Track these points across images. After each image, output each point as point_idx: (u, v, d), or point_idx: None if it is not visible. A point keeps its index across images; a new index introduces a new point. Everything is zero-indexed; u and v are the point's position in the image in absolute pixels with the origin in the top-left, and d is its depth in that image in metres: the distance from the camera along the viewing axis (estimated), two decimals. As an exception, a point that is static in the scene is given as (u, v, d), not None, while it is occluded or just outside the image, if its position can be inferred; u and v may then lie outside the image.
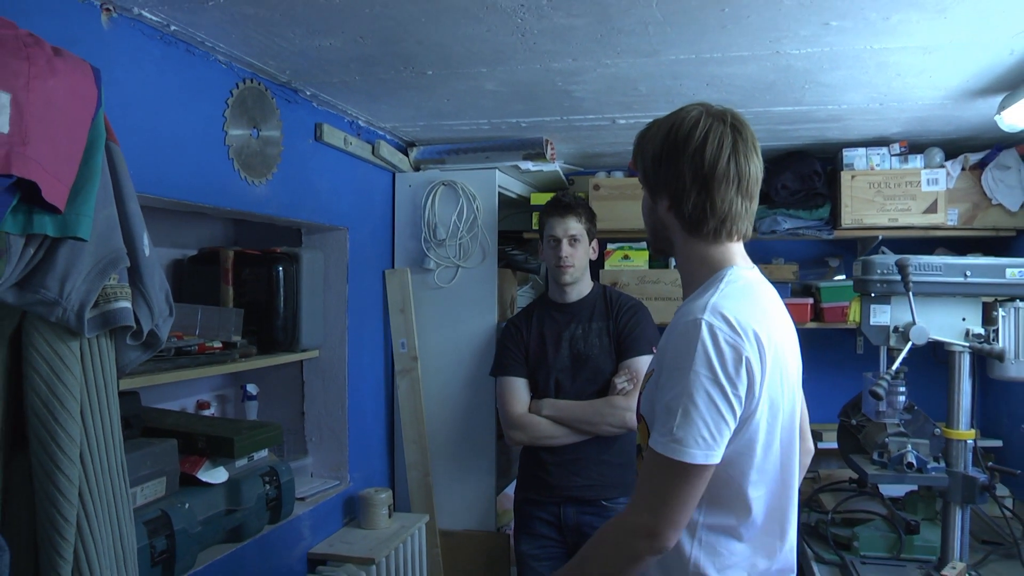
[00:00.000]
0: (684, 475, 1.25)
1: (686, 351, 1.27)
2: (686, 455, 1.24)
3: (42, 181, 1.26)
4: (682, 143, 1.37)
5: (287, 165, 2.42)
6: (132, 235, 1.49)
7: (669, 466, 1.25)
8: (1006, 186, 2.86)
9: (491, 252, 3.15)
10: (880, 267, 2.25)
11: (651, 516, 1.27)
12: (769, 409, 1.32)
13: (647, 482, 1.30)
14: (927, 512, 2.52)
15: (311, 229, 2.82)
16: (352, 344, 2.86)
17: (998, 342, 2.22)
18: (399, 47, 2.08)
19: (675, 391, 1.27)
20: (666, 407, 1.27)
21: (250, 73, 2.25)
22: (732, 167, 1.36)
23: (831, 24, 1.89)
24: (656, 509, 1.27)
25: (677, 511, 1.26)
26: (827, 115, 2.73)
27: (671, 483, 1.26)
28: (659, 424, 1.29)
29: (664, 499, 1.26)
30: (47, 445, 1.36)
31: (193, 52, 2.03)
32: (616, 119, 2.84)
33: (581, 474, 2.56)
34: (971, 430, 2.29)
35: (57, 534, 1.36)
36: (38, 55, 1.30)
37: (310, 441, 2.87)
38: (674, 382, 1.27)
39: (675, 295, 3.24)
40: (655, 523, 1.26)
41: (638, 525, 1.29)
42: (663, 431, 1.27)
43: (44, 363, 1.37)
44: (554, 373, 2.62)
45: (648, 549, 1.28)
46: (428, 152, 3.22)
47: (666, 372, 1.31)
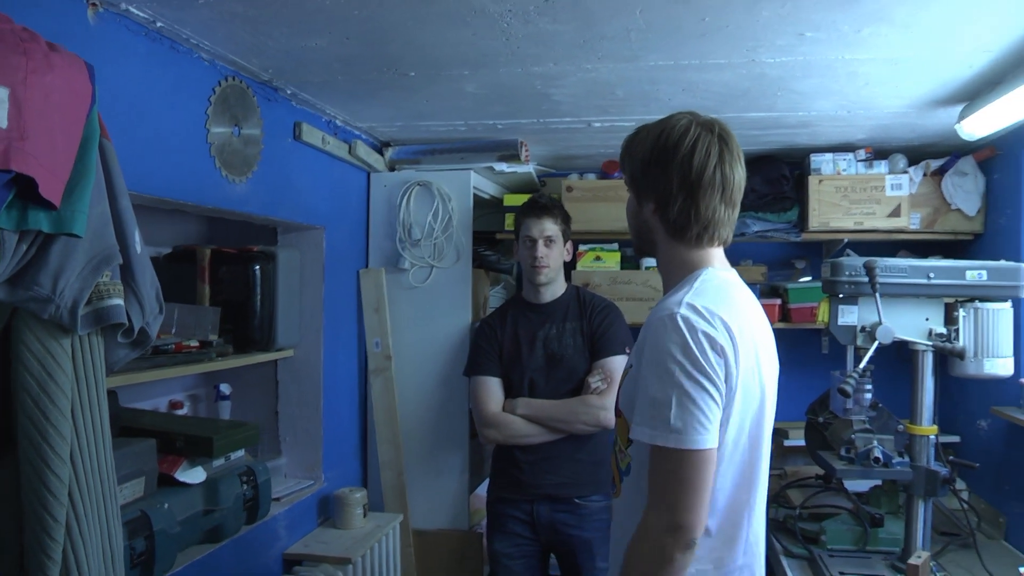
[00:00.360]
0: (693, 463, 1.27)
1: (664, 344, 1.30)
2: (691, 442, 1.26)
3: (40, 177, 1.25)
4: (671, 150, 1.42)
5: (267, 164, 2.41)
6: (124, 232, 1.49)
7: (677, 458, 1.27)
8: (964, 192, 2.97)
9: (465, 253, 3.17)
10: (848, 269, 2.33)
11: (671, 512, 1.27)
12: (742, 401, 1.35)
13: (658, 481, 1.30)
14: (890, 506, 2.61)
15: (287, 228, 2.81)
16: (327, 343, 2.85)
17: (959, 341, 2.31)
18: (384, 49, 2.09)
19: (660, 384, 1.29)
20: (653, 401, 1.29)
21: (232, 71, 2.24)
22: (718, 176, 1.40)
23: (805, 35, 1.95)
24: (674, 504, 1.27)
25: (696, 500, 1.27)
26: (797, 121, 2.80)
27: (682, 474, 1.27)
28: (650, 420, 1.30)
29: (679, 491, 1.27)
30: (38, 444, 1.35)
31: (177, 49, 2.02)
32: (592, 122, 2.88)
33: (555, 472, 2.58)
34: (933, 426, 2.37)
35: (46, 534, 1.35)
36: (35, 50, 1.29)
37: (284, 441, 2.85)
38: (657, 376, 1.30)
39: (647, 296, 3.29)
40: (677, 517, 1.27)
41: (661, 526, 1.28)
42: (658, 425, 1.28)
43: (36, 361, 1.36)
44: (528, 372, 2.64)
45: (677, 546, 1.27)
46: (403, 152, 3.23)
47: (646, 367, 1.33)
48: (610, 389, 2.54)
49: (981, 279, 2.27)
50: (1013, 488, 2.71)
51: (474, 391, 2.70)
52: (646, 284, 3.31)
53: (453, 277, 3.17)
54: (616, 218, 3.32)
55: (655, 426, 1.29)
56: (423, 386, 3.16)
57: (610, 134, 3.05)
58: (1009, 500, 2.73)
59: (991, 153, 2.94)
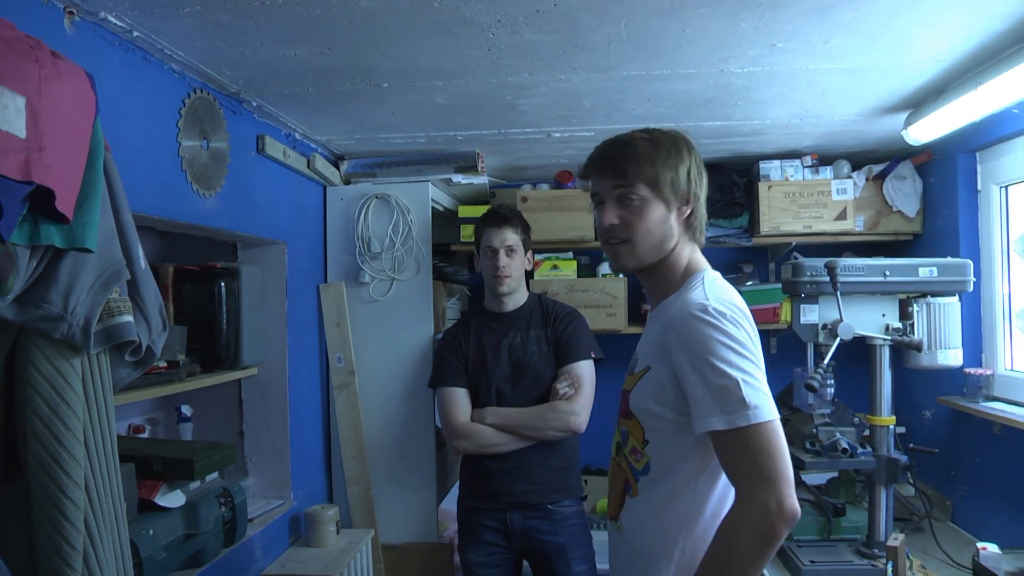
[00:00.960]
0: (775, 433, 1.30)
1: (708, 336, 1.35)
2: (768, 413, 1.30)
3: (57, 189, 1.21)
4: (702, 164, 1.55)
5: (233, 177, 2.36)
6: (129, 247, 1.44)
7: (761, 433, 1.29)
8: (904, 195, 3.15)
9: (425, 264, 3.16)
10: (809, 269, 2.44)
11: (771, 486, 1.27)
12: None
13: (748, 462, 1.30)
14: (848, 496, 2.73)
15: (247, 243, 2.75)
16: (292, 360, 2.80)
17: (914, 334, 2.45)
18: (363, 59, 2.08)
19: (719, 372, 1.32)
20: (720, 388, 1.31)
21: (200, 83, 2.19)
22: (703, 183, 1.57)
23: (777, 45, 2.03)
24: (771, 478, 1.28)
25: (787, 468, 1.29)
26: (750, 129, 2.91)
27: (770, 447, 1.29)
28: (722, 407, 1.31)
29: (774, 464, 1.28)
30: (50, 469, 1.29)
31: (149, 60, 1.96)
32: (552, 132, 2.92)
33: (526, 479, 2.59)
34: (892, 416, 2.50)
35: (63, 562, 1.29)
36: (44, 58, 1.25)
37: (250, 461, 2.77)
38: (711, 367, 1.33)
39: (604, 303, 3.35)
40: (778, 490, 1.27)
41: (764, 502, 1.27)
42: (732, 408, 1.30)
43: (46, 382, 1.30)
44: (495, 381, 2.64)
45: (783, 519, 1.27)
46: (359, 165, 3.20)
47: (689, 364, 1.36)
48: (578, 394, 2.57)
49: (932, 275, 2.42)
50: (959, 473, 2.88)
51: (441, 403, 2.68)
52: (603, 291, 3.37)
53: (414, 289, 3.16)
54: (571, 227, 3.39)
55: (730, 411, 1.30)
56: (387, 400, 3.13)
57: (566, 144, 3.10)
58: (955, 485, 2.90)
59: (928, 158, 3.12)
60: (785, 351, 3.67)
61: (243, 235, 2.52)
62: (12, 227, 1.16)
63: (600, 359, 2.69)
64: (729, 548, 1.31)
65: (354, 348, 3.11)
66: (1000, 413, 2.52)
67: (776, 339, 3.71)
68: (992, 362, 2.81)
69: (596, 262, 3.58)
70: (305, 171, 2.90)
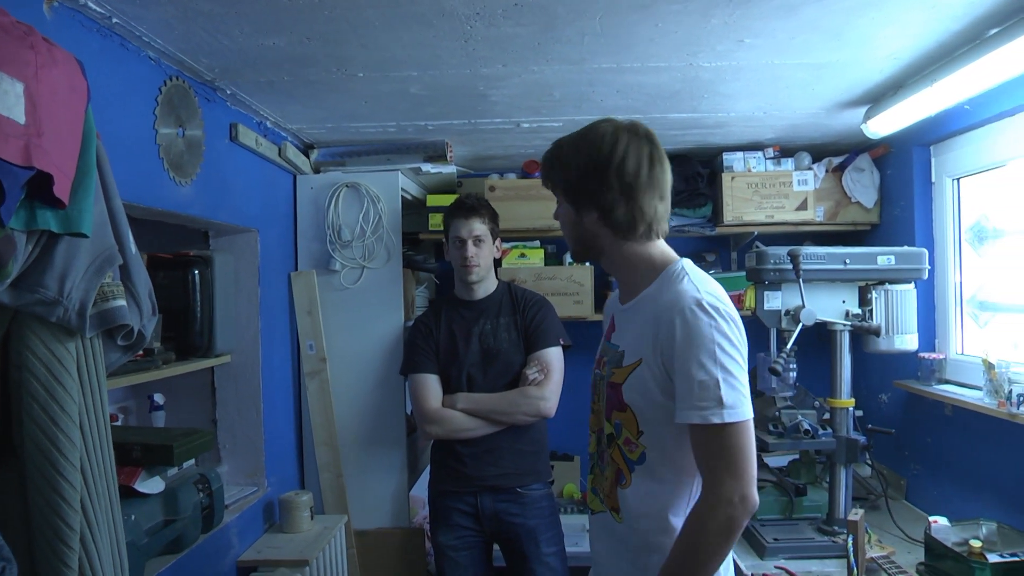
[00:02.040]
0: (745, 433, 1.39)
1: (700, 331, 1.40)
2: (741, 414, 1.38)
3: (55, 175, 1.23)
4: (606, 158, 1.51)
5: (208, 165, 2.37)
6: (120, 232, 1.47)
7: (732, 432, 1.37)
8: (862, 186, 3.27)
9: (396, 253, 3.19)
10: (773, 258, 2.54)
11: (736, 481, 1.36)
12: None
13: (716, 456, 1.38)
14: (809, 476, 2.84)
15: (220, 231, 2.75)
16: (264, 347, 2.81)
17: (873, 320, 2.57)
18: (341, 49, 2.11)
19: (704, 368, 1.38)
20: (701, 384, 1.38)
21: (176, 70, 2.20)
22: (652, 176, 1.52)
23: (745, 41, 2.11)
24: (740, 473, 1.36)
25: (753, 466, 1.38)
26: (715, 122, 2.99)
27: (739, 445, 1.37)
28: (699, 402, 1.38)
29: (739, 461, 1.37)
30: (47, 451, 1.32)
31: (127, 47, 1.97)
32: (521, 123, 2.96)
33: (497, 464, 2.64)
34: (851, 399, 2.62)
35: (61, 543, 1.32)
36: (39, 44, 1.27)
37: (223, 448, 2.78)
38: (699, 362, 1.39)
39: (571, 290, 3.41)
40: (741, 485, 1.36)
41: (728, 496, 1.36)
42: (708, 405, 1.37)
43: (42, 366, 1.33)
44: (466, 368, 2.69)
45: (745, 512, 1.36)
46: (328, 154, 3.22)
47: (681, 357, 1.41)
48: (547, 380, 2.63)
49: (890, 263, 2.54)
50: (912, 453, 3.01)
51: (413, 389, 2.72)
52: (570, 279, 3.43)
53: (384, 277, 3.19)
54: (538, 216, 3.44)
55: (705, 407, 1.37)
56: (358, 387, 3.17)
57: (535, 135, 3.15)
58: (909, 464, 3.03)
59: (885, 150, 3.24)
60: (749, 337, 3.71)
61: (217, 223, 2.54)
62: (12, 212, 1.18)
63: (568, 346, 2.75)
64: (694, 536, 1.39)
65: (325, 336, 3.13)
66: (951, 395, 2.64)
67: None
68: (944, 347, 2.93)
69: (563, 250, 3.63)
70: (276, 159, 2.91)
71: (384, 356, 3.17)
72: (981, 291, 2.79)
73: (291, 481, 3.08)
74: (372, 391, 3.17)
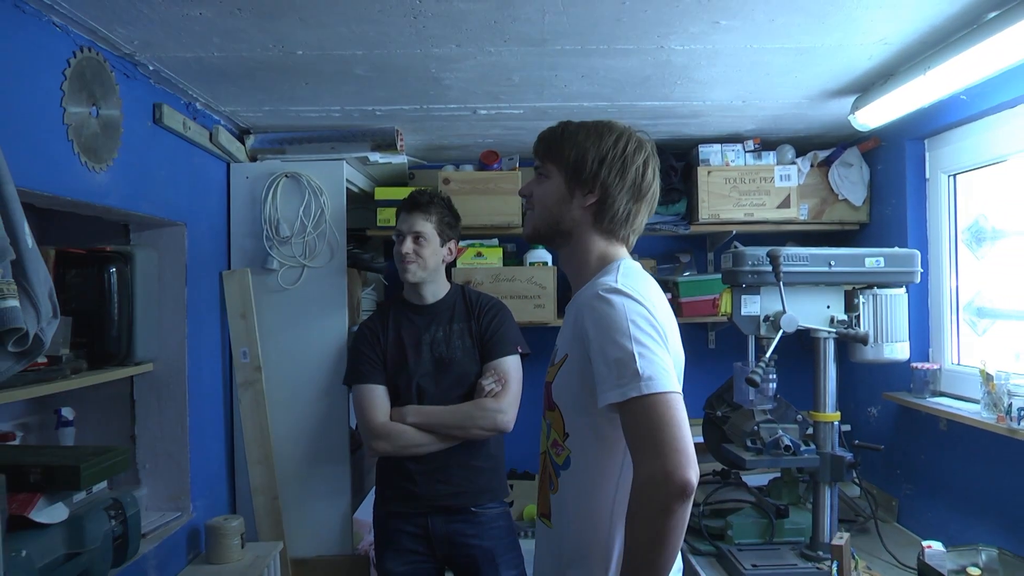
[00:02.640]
0: (668, 406, 1.37)
1: (609, 315, 1.46)
2: (662, 385, 1.38)
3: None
4: (630, 159, 1.63)
5: (127, 150, 2.30)
6: (13, 223, 1.40)
7: (652, 405, 1.37)
8: (850, 182, 3.28)
9: (340, 251, 3.15)
10: (751, 258, 2.52)
11: (658, 459, 1.33)
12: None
13: (637, 436, 1.38)
14: (791, 496, 2.84)
15: (142, 224, 2.69)
16: (191, 355, 2.75)
17: (860, 327, 2.57)
18: (277, 23, 2.06)
19: (618, 346, 1.42)
20: (616, 362, 1.41)
21: (88, 40, 2.12)
22: (655, 191, 1.68)
23: (720, 23, 2.10)
24: (660, 450, 1.33)
25: (679, 440, 1.34)
26: (689, 111, 2.98)
27: (662, 419, 1.36)
28: (617, 379, 1.40)
29: (663, 437, 1.34)
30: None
31: (24, 8, 1.87)
32: (478, 109, 2.94)
33: (449, 482, 2.62)
34: (836, 412, 2.62)
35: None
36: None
37: (143, 468, 2.71)
38: (612, 341, 1.43)
39: (532, 293, 3.39)
40: (666, 461, 1.32)
41: (651, 475, 1.33)
42: (626, 381, 1.39)
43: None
44: (416, 378, 2.66)
45: (674, 493, 1.31)
46: (266, 140, 3.16)
47: (595, 342, 1.46)
48: (505, 391, 2.62)
49: (879, 266, 2.54)
50: (904, 471, 3.02)
51: (358, 401, 2.69)
52: (531, 281, 3.41)
53: (327, 277, 3.15)
54: (496, 212, 3.41)
55: (624, 383, 1.39)
56: (297, 398, 3.12)
57: (493, 123, 3.13)
58: (900, 483, 3.05)
59: (875, 144, 3.26)
60: (724, 345, 3.78)
61: (138, 215, 2.47)
62: None
63: (527, 354, 2.75)
64: (632, 523, 1.38)
65: (261, 342, 3.08)
66: (946, 409, 2.65)
67: (715, 332, 3.82)
68: (939, 356, 2.95)
69: (524, 249, 3.61)
70: (207, 145, 2.86)
71: (326, 365, 3.12)
72: (979, 296, 2.80)
73: (221, 505, 3.01)
74: (313, 403, 3.12)
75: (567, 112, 2.95)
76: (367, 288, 3.62)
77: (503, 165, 3.56)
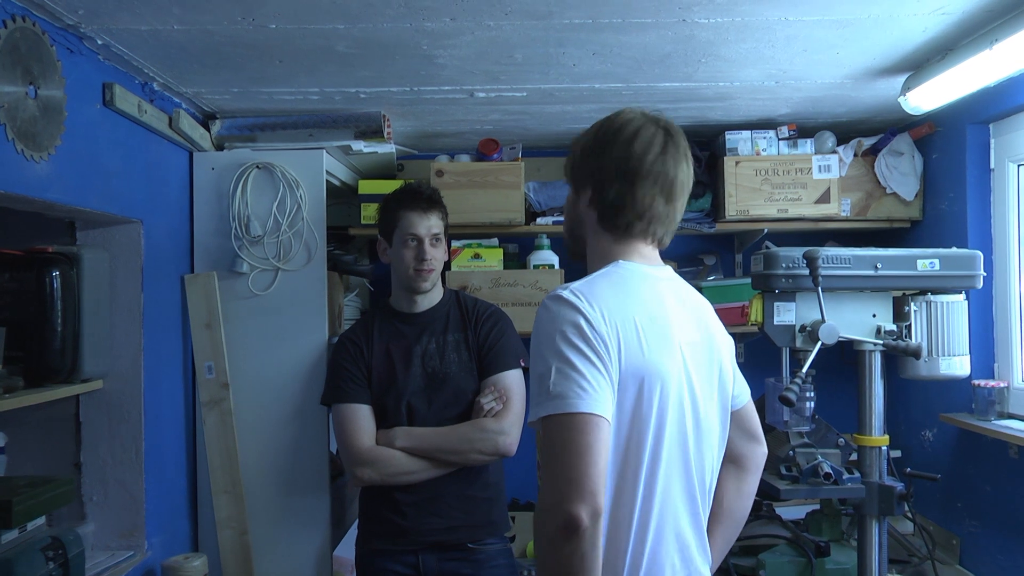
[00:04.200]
0: (571, 428, 1.39)
1: (542, 324, 1.51)
2: (571, 405, 1.40)
3: None
4: (612, 135, 1.65)
5: (72, 136, 2.25)
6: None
7: (555, 426, 1.40)
8: (900, 173, 3.23)
9: (319, 251, 3.11)
10: (785, 260, 2.48)
11: (549, 487, 1.37)
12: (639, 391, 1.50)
13: (542, 458, 1.43)
14: (833, 532, 2.78)
15: (91, 221, 2.64)
16: (148, 370, 2.71)
17: (911, 339, 2.50)
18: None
19: (542, 359, 1.47)
20: (538, 376, 1.46)
21: (22, 8, 2.05)
22: (658, 166, 1.62)
23: (753, -10, 2.06)
24: (552, 478, 1.37)
25: (575, 470, 1.36)
26: (715, 93, 2.95)
27: (562, 443, 1.38)
28: (536, 396, 1.46)
29: (558, 464, 1.38)
30: None
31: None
32: (475, 91, 2.91)
33: (443, 514, 2.60)
34: (884, 436, 2.56)
35: None
36: None
37: (90, 501, 2.65)
38: (539, 353, 1.49)
39: (534, 300, 3.35)
40: (554, 493, 1.35)
41: (541, 504, 1.40)
42: (541, 399, 1.44)
43: None
44: (405, 396, 2.64)
45: (557, 527, 1.34)
46: (234, 126, 3.12)
47: (533, 352, 1.52)
48: (507, 410, 2.59)
49: (934, 269, 2.48)
50: (967, 505, 2.97)
51: (340, 423, 2.65)
52: (535, 286, 3.36)
53: (304, 282, 3.10)
54: (496, 207, 3.38)
55: (539, 400, 1.44)
56: (270, 419, 3.07)
57: (492, 106, 3.12)
58: (963, 519, 3.00)
59: (930, 130, 3.22)
60: (755, 359, 3.73)
61: (85, 211, 2.42)
62: None
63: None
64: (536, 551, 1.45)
65: (228, 355, 3.04)
66: (1017, 433, 2.61)
67: (744, 344, 3.77)
68: (1007, 373, 2.90)
69: (527, 250, 3.58)
70: (166, 131, 2.82)
71: (303, 381, 3.07)
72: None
73: (181, 541, 2.97)
74: (287, 425, 3.08)
75: (576, 95, 2.93)
76: (350, 294, 3.59)
77: (504, 155, 3.51)
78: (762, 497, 2.85)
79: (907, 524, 3.00)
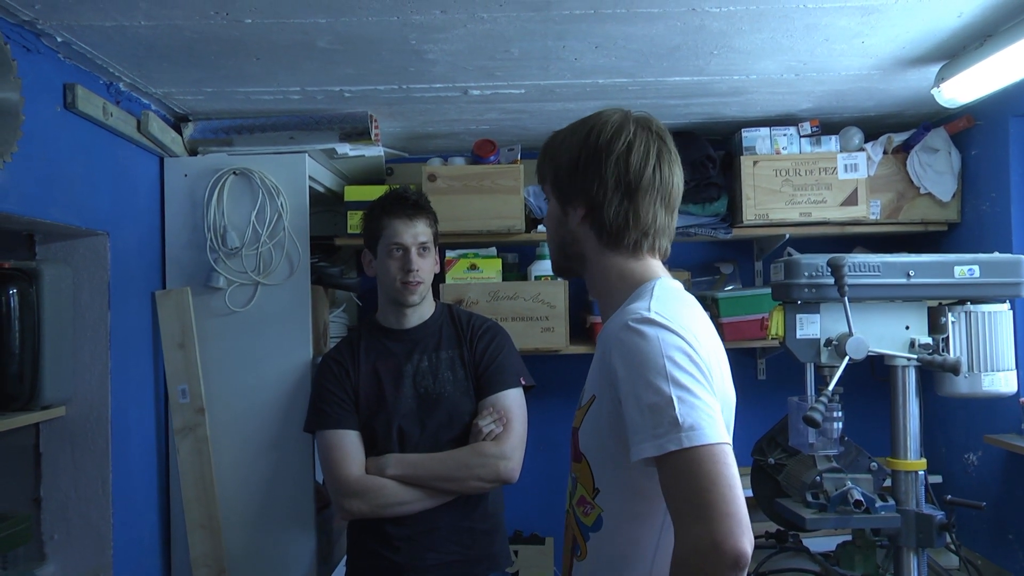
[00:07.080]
0: (715, 460, 1.36)
1: (642, 351, 1.45)
2: (707, 436, 1.36)
3: None
4: (605, 147, 1.64)
5: (30, 142, 2.25)
6: None
7: (695, 460, 1.36)
8: (935, 172, 3.23)
9: (302, 264, 3.13)
10: (808, 269, 2.45)
11: (705, 524, 1.32)
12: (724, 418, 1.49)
13: (678, 496, 1.37)
14: (867, 566, 2.74)
15: (51, 234, 2.66)
16: (116, 395, 2.71)
17: (949, 353, 2.48)
18: (219, -17, 2.03)
19: (653, 389, 1.41)
20: (651, 408, 1.40)
21: (-29, 2, 2.08)
22: (657, 177, 1.64)
23: (767, -25, 2.08)
24: (706, 514, 1.32)
25: (728, 502, 1.32)
26: (729, 88, 2.96)
27: (708, 477, 1.34)
28: (652, 429, 1.40)
29: (709, 499, 1.33)
30: None
31: None
32: (469, 89, 2.94)
33: (438, 548, 2.62)
34: (921, 459, 2.53)
35: None
36: None
37: (51, 540, 2.65)
38: (646, 383, 1.43)
39: (537, 313, 3.37)
40: (713, 527, 1.31)
41: (695, 544, 1.32)
42: (663, 431, 1.38)
43: None
44: (396, 420, 2.66)
45: (720, 562, 1.30)
46: (208, 129, 3.15)
47: (626, 384, 1.46)
48: (508, 432, 2.61)
49: (973, 276, 2.45)
50: (1019, 537, 2.95)
51: (325, 451, 2.67)
52: (536, 299, 3.38)
53: (286, 297, 3.12)
54: (494, 214, 3.40)
55: (660, 433, 1.38)
56: (249, 447, 3.08)
57: (488, 105, 3.14)
58: (1015, 552, 2.99)
59: (968, 124, 3.22)
60: (777, 376, 3.74)
61: (45, 223, 2.44)
62: None
63: (531, 387, 2.74)
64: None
65: (204, 378, 3.05)
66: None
67: (765, 360, 3.77)
68: (1059, 389, 2.88)
69: (528, 260, 3.60)
70: (134, 135, 2.83)
71: (286, 405, 3.09)
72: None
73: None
74: (268, 453, 3.09)
75: (578, 91, 2.95)
76: (336, 309, 3.62)
77: (501, 157, 3.53)
78: (787, 527, 2.84)
79: (951, 558, 2.97)
